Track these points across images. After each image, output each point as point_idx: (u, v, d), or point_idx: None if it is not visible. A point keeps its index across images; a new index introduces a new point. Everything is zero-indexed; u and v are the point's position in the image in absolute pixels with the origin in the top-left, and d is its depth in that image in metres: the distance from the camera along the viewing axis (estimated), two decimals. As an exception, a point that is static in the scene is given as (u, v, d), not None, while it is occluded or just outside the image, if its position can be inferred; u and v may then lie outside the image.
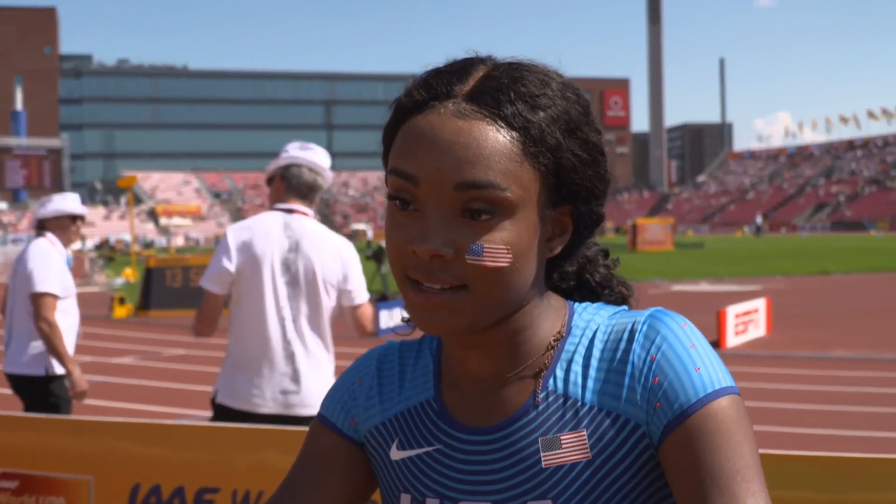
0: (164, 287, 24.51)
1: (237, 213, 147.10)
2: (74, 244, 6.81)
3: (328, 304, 4.91)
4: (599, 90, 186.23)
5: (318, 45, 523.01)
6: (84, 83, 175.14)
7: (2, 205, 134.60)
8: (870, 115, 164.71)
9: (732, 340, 15.98)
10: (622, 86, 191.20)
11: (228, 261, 4.84)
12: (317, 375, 4.87)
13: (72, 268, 6.55)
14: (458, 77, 1.30)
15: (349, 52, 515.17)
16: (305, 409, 4.81)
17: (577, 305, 1.43)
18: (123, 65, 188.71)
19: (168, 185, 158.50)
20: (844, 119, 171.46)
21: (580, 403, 1.33)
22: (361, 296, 5.01)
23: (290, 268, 4.85)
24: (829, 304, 23.40)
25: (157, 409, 11.14)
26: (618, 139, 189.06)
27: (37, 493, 3.91)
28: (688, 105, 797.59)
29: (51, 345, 6.19)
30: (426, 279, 1.26)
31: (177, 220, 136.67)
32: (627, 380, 1.31)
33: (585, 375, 1.35)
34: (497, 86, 1.27)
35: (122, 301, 24.17)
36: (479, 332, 1.34)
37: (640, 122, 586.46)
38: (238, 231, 4.92)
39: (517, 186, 1.25)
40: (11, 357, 6.40)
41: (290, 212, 4.96)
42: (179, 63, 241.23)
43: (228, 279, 4.85)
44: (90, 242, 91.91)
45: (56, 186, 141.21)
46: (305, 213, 4.98)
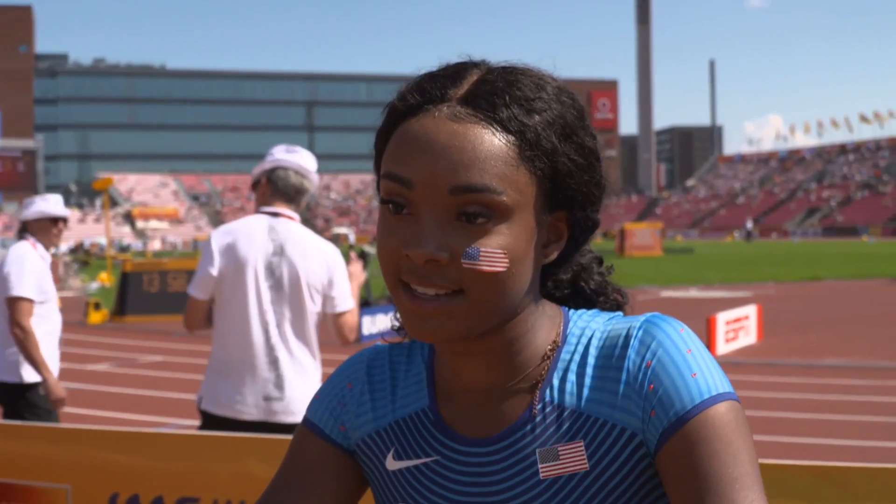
0: (141, 292, 24.45)
1: (216, 217, 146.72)
2: (56, 246, 6.79)
3: (313, 310, 4.89)
4: (587, 91, 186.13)
5: (300, 45, 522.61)
6: (59, 83, 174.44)
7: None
8: (862, 119, 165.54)
9: (722, 348, 16.02)
10: (610, 87, 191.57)
11: (211, 266, 4.84)
12: (301, 382, 4.84)
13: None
14: (453, 81, 1.30)
15: (331, 52, 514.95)
16: (289, 417, 4.78)
17: (573, 312, 1.43)
18: (100, 64, 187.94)
19: (145, 188, 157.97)
20: (836, 123, 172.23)
21: (576, 413, 1.34)
22: (345, 303, 4.98)
23: (274, 272, 4.83)
24: (821, 311, 23.48)
25: (134, 417, 11.08)
26: (606, 142, 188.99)
27: (14, 502, 3.90)
28: (677, 107, 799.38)
29: (25, 351, 6.16)
30: (420, 283, 1.25)
31: (154, 224, 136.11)
32: (622, 387, 1.31)
33: (581, 384, 1.35)
34: (492, 89, 1.27)
35: (98, 306, 24.08)
36: (474, 341, 1.33)
37: (629, 125, 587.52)
38: (221, 235, 4.93)
39: (513, 190, 1.25)
40: None
41: (276, 215, 4.95)
42: (157, 62, 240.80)
43: (212, 283, 4.86)
44: (64, 246, 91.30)
45: (30, 188, 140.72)
46: (291, 217, 4.97)
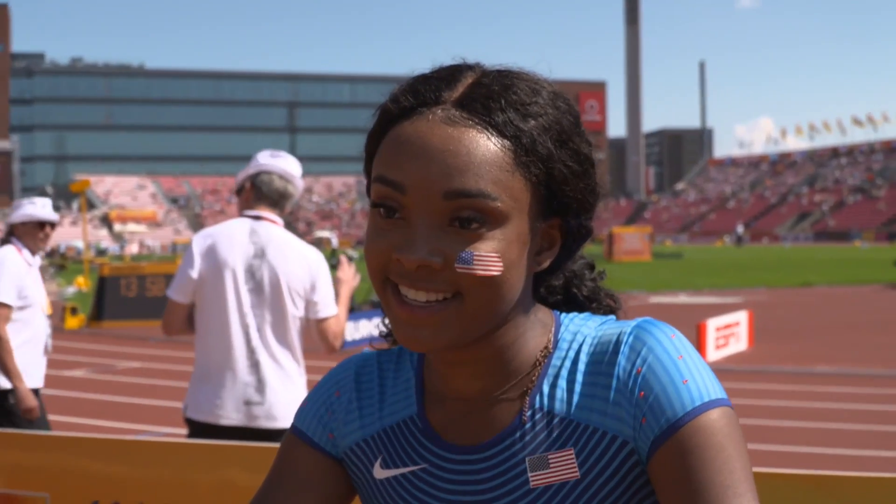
0: (119, 297, 24.39)
1: (195, 220, 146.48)
2: (43, 251, 6.78)
3: (294, 314, 4.89)
4: (575, 93, 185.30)
5: (281, 44, 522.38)
6: (36, 83, 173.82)
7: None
8: (855, 122, 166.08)
9: (713, 354, 16.05)
10: (598, 89, 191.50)
11: (191, 268, 4.86)
12: (283, 387, 4.84)
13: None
14: (447, 83, 1.30)
15: (314, 52, 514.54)
16: (270, 422, 4.78)
17: (565, 317, 1.43)
18: (77, 63, 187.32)
19: (122, 190, 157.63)
20: (829, 126, 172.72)
21: (566, 420, 1.34)
22: (328, 309, 4.98)
23: (255, 275, 4.84)
24: (813, 318, 23.54)
25: (111, 425, 11.06)
26: (594, 145, 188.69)
27: (-9, 511, 3.89)
28: (666, 109, 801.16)
29: None
30: (411, 286, 1.25)
31: (132, 227, 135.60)
32: (612, 394, 1.31)
33: (571, 391, 1.35)
34: (487, 93, 1.27)
35: (75, 311, 24.01)
36: (465, 348, 1.33)
37: (617, 127, 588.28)
38: (202, 238, 4.95)
39: (507, 196, 1.25)
40: None
41: (258, 218, 4.96)
42: (135, 62, 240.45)
43: (191, 286, 4.87)
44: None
45: (5, 191, 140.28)
46: (274, 221, 4.98)
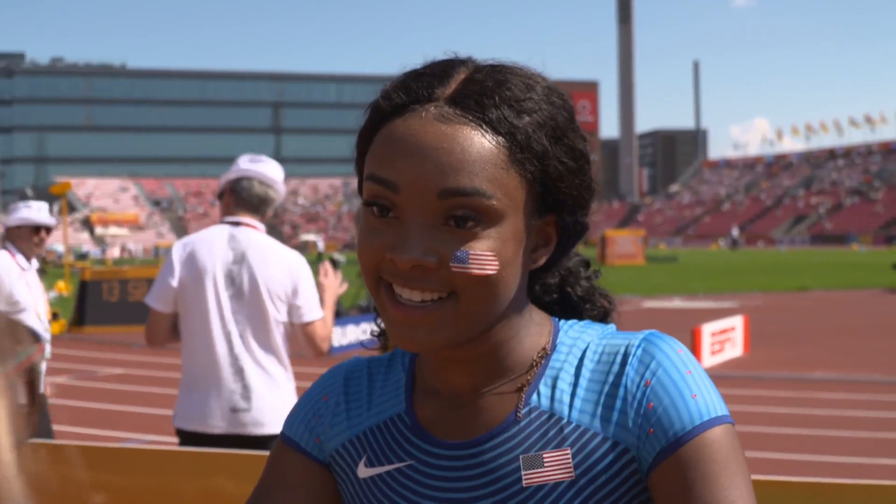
0: (101, 301, 24.35)
1: (178, 223, 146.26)
2: (38, 255, 6.77)
3: (277, 318, 4.91)
4: (566, 93, 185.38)
5: (266, 43, 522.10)
6: (15, 83, 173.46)
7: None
8: (852, 123, 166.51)
9: (708, 360, 16.05)
10: (590, 89, 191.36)
11: (171, 276, 4.90)
12: (270, 392, 4.87)
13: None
14: (439, 79, 1.30)
15: (299, 51, 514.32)
16: (258, 429, 4.81)
17: (563, 323, 1.44)
18: (57, 63, 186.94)
19: (104, 192, 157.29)
20: (826, 126, 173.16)
21: (565, 421, 1.34)
22: (312, 313, 5.00)
23: (235, 280, 4.88)
24: (809, 322, 23.59)
25: (94, 432, 11.03)
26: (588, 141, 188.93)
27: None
28: (660, 110, 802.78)
29: None
30: (405, 285, 1.26)
31: (113, 230, 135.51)
32: (619, 403, 1.32)
33: (573, 394, 1.35)
34: (481, 89, 1.28)
35: (56, 316, 23.88)
36: (461, 347, 1.34)
37: (610, 128, 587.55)
38: (182, 245, 4.99)
39: (503, 194, 1.25)
40: None
41: (238, 224, 5.00)
42: (117, 61, 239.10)
43: (172, 295, 4.91)
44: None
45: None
46: (253, 226, 5.02)
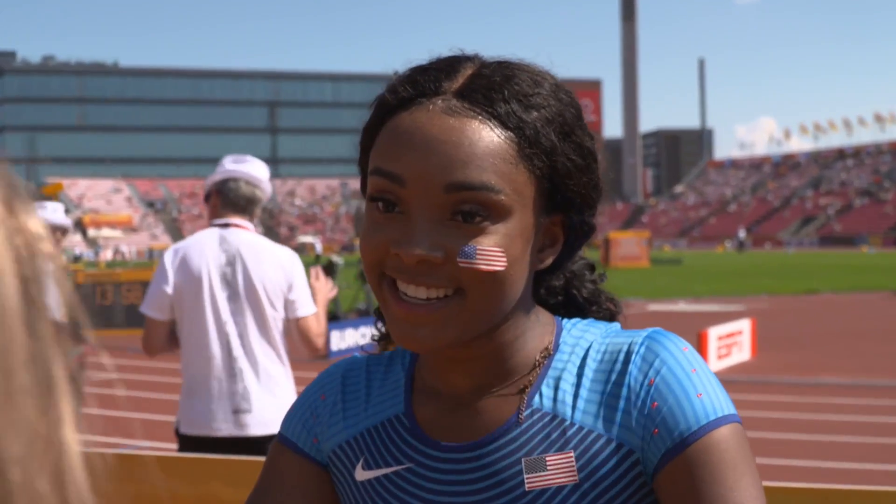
0: (93, 305, 24.35)
1: (172, 225, 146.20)
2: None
3: (275, 316, 4.98)
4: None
5: (261, 41, 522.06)
6: (6, 82, 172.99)
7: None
8: (861, 122, 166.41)
9: (715, 364, 16.04)
10: (593, 87, 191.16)
11: (165, 283, 4.96)
12: (269, 391, 4.93)
13: None
14: (447, 74, 1.30)
15: (295, 49, 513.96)
16: (261, 429, 4.88)
17: (566, 322, 1.44)
18: (49, 62, 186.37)
19: (96, 193, 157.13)
20: (834, 125, 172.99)
21: (568, 423, 1.34)
22: (306, 307, 5.07)
23: (230, 282, 4.94)
24: (818, 326, 23.53)
25: (87, 439, 11.03)
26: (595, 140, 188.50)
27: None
28: (664, 109, 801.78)
29: None
30: (410, 281, 1.25)
31: (106, 232, 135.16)
32: (623, 403, 1.32)
33: (576, 395, 1.35)
34: (489, 83, 1.28)
35: (47, 320, 23.96)
36: (465, 347, 1.34)
37: (613, 128, 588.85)
38: (173, 252, 5.05)
39: (511, 190, 1.25)
40: None
41: (227, 226, 5.05)
42: (109, 60, 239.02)
43: (167, 301, 4.97)
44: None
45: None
46: (243, 227, 5.07)
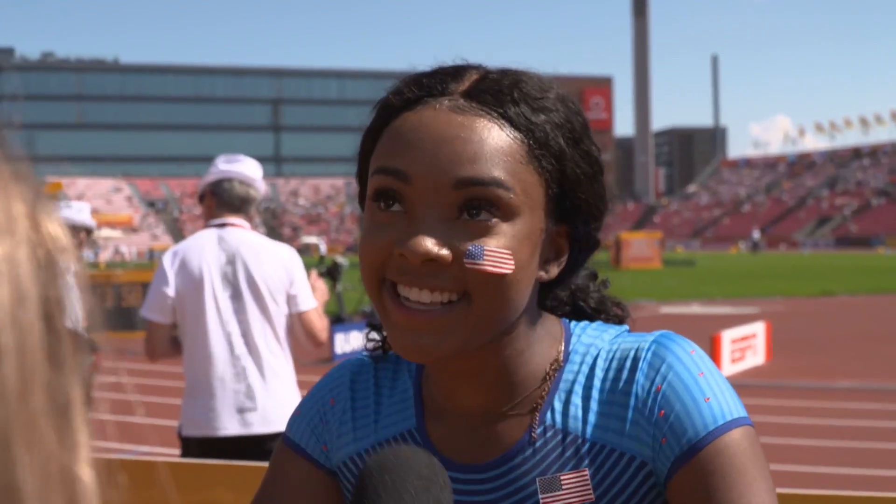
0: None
1: (173, 225, 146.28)
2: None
3: (277, 312, 5.05)
4: (579, 89, 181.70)
5: (265, 38, 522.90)
6: (4, 79, 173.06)
7: None
8: (877, 120, 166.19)
9: (728, 368, 16.00)
10: (604, 85, 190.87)
11: (166, 285, 5.00)
12: (274, 389, 4.99)
13: None
14: (453, 77, 1.30)
15: (299, 46, 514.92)
16: (266, 427, 4.93)
17: (577, 327, 1.43)
18: (48, 59, 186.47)
19: (96, 193, 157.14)
20: (850, 123, 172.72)
21: (581, 440, 1.33)
22: (307, 302, 5.14)
23: (231, 281, 4.99)
24: (834, 329, 23.49)
25: (96, 445, 11.03)
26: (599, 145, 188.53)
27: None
28: (677, 107, 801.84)
29: None
30: (414, 284, 1.23)
31: (106, 232, 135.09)
32: (630, 413, 1.31)
33: (586, 408, 1.34)
34: (497, 85, 1.27)
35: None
36: (469, 358, 1.31)
37: (624, 126, 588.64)
38: (172, 254, 5.10)
39: (521, 190, 1.24)
40: None
41: (224, 226, 5.11)
42: (109, 56, 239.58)
43: (169, 304, 5.01)
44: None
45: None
46: (240, 226, 5.13)
